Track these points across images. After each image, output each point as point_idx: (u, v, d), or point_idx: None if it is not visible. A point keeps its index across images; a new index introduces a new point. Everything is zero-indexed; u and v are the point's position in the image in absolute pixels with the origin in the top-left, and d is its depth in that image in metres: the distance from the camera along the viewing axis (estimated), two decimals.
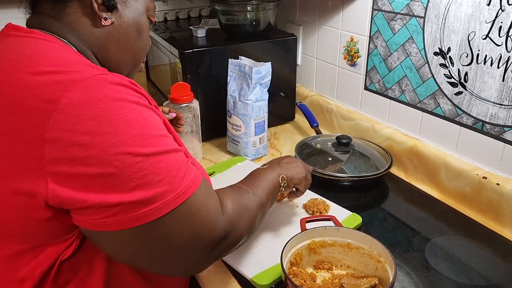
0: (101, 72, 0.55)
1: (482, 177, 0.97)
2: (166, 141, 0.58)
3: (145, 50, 0.75)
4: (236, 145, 1.24)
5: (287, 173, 0.83)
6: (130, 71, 0.76)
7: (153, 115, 0.58)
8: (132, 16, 0.70)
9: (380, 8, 1.15)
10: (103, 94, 0.53)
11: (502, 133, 0.94)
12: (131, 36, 0.70)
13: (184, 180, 0.57)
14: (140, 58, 0.75)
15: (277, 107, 1.40)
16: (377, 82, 1.23)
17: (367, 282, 0.73)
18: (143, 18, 0.71)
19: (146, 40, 0.74)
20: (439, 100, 1.06)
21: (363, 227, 0.95)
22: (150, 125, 0.56)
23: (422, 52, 1.07)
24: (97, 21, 0.66)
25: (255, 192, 0.73)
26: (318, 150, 1.23)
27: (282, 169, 0.83)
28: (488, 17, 0.91)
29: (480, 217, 0.98)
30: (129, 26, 0.69)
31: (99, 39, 0.67)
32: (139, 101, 0.56)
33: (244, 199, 0.69)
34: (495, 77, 0.92)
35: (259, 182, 0.76)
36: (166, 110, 1.10)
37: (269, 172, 0.80)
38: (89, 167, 0.51)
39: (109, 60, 0.70)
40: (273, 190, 0.78)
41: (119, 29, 0.69)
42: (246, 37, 1.32)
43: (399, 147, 1.17)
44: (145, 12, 0.72)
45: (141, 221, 0.54)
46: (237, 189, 0.71)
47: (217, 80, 1.27)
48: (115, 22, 0.68)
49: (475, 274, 0.83)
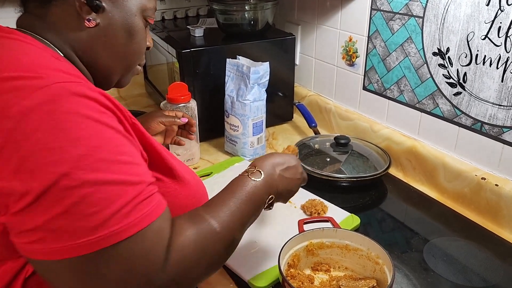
0: (65, 80, 0.50)
1: (481, 178, 0.97)
2: (120, 169, 0.50)
3: (139, 54, 0.69)
4: (234, 145, 1.23)
5: (279, 190, 0.71)
6: (123, 76, 0.71)
7: (115, 137, 0.51)
8: (122, 17, 0.63)
9: (379, 8, 1.15)
10: (58, 105, 0.48)
11: (501, 133, 0.94)
12: (120, 39, 0.65)
13: (127, 218, 0.49)
14: (133, 62, 0.70)
15: (275, 107, 1.40)
16: (375, 82, 1.22)
17: (365, 284, 0.73)
18: (135, 19, 0.65)
19: (139, 43, 0.68)
20: (438, 100, 1.06)
21: (362, 228, 0.95)
22: (105, 147, 0.49)
23: (421, 52, 1.07)
24: (82, 22, 0.61)
25: (221, 222, 0.59)
26: (316, 151, 1.22)
27: (276, 182, 0.71)
28: (487, 17, 0.90)
29: (478, 218, 0.98)
30: (117, 28, 0.64)
31: (84, 42, 0.63)
32: (100, 118, 0.50)
33: (202, 241, 0.56)
34: (494, 77, 0.92)
35: (232, 203, 0.62)
36: (180, 114, 1.05)
37: (253, 186, 0.66)
38: (20, 182, 0.46)
39: (96, 64, 0.65)
40: (252, 211, 0.65)
41: (106, 32, 0.63)
42: (244, 36, 1.32)
43: (397, 147, 1.16)
44: (140, 13, 0.66)
45: (60, 255, 0.47)
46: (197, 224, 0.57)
47: (214, 80, 1.26)
48: (101, 24, 0.62)
49: (474, 275, 0.82)
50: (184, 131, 1.07)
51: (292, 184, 0.75)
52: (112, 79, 0.69)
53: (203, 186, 0.74)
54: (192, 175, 0.71)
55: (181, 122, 1.04)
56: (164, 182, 0.63)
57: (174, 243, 0.54)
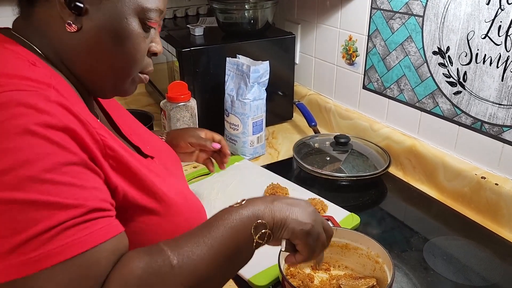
0: (20, 88, 0.46)
1: (481, 177, 0.97)
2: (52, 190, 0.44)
3: (133, 61, 0.60)
4: (234, 144, 1.23)
5: (275, 216, 0.56)
6: (118, 85, 0.62)
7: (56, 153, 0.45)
8: (108, 20, 0.55)
9: (379, 7, 1.15)
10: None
11: (501, 133, 0.93)
12: (107, 46, 0.57)
13: (49, 243, 0.43)
14: (126, 71, 0.60)
15: (275, 106, 1.40)
16: (375, 81, 1.22)
17: (365, 283, 0.73)
18: (127, 22, 0.56)
19: (133, 49, 0.58)
20: (437, 99, 1.06)
21: (361, 227, 0.95)
22: (37, 163, 0.44)
23: (421, 51, 1.07)
24: (64, 25, 0.55)
25: (182, 258, 0.49)
26: (316, 150, 1.22)
27: (269, 208, 0.56)
28: (487, 16, 0.90)
29: (478, 217, 0.98)
30: (103, 33, 0.56)
31: (67, 47, 0.56)
32: (43, 132, 0.45)
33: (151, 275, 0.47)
34: (494, 76, 0.92)
35: (204, 236, 0.51)
36: (217, 138, 0.95)
37: (235, 214, 0.54)
38: None
39: (82, 72, 0.59)
40: (232, 245, 0.52)
41: (89, 36, 0.56)
42: (244, 35, 1.32)
43: (397, 146, 1.16)
44: (134, 15, 0.57)
45: None
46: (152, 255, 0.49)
47: (214, 79, 1.26)
48: (84, 28, 0.55)
49: (473, 274, 0.82)
50: (218, 157, 0.96)
51: (297, 212, 0.58)
52: (104, 88, 0.62)
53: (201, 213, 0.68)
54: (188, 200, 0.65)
55: (210, 148, 0.92)
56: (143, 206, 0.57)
57: (114, 276, 0.46)
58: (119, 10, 0.56)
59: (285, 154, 1.27)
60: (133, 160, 0.57)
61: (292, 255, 0.62)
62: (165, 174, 0.64)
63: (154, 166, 0.64)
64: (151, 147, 0.71)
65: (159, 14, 0.60)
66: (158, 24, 0.61)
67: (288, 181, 1.09)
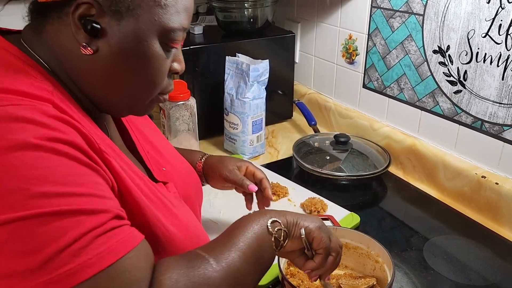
0: (16, 103, 0.43)
1: (481, 176, 0.96)
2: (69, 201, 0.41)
3: (154, 85, 0.55)
4: (233, 143, 1.23)
5: (286, 217, 0.59)
6: (134, 108, 0.58)
7: (66, 164, 0.43)
8: (126, 43, 0.50)
9: (379, 5, 1.14)
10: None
11: (501, 132, 0.93)
12: (125, 70, 0.52)
13: (80, 256, 0.40)
14: (145, 95, 0.56)
15: (275, 105, 1.39)
16: (375, 80, 1.22)
17: (365, 282, 0.72)
18: (149, 45, 0.51)
19: (154, 72, 0.53)
20: (438, 98, 1.05)
21: (361, 226, 0.94)
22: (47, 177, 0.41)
23: (421, 50, 1.06)
24: (78, 47, 0.50)
25: (220, 258, 0.50)
26: (316, 149, 1.22)
27: (280, 213, 0.59)
28: (488, 15, 0.90)
29: (478, 217, 0.98)
30: (121, 56, 0.51)
31: (80, 68, 0.52)
32: (46, 144, 0.42)
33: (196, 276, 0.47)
34: (495, 75, 0.91)
35: (232, 238, 0.53)
36: (259, 177, 0.83)
37: (252, 219, 0.56)
38: None
39: (95, 94, 0.55)
40: (256, 247, 0.54)
41: (106, 60, 0.51)
42: (243, 34, 1.31)
43: (397, 145, 1.16)
44: (156, 37, 0.51)
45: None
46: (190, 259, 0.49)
47: (214, 78, 1.26)
48: (100, 50, 0.50)
49: (474, 273, 0.82)
50: (260, 196, 0.84)
51: (308, 216, 0.61)
52: (118, 109, 0.58)
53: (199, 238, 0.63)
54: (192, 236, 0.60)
55: (246, 189, 0.81)
56: None
57: (158, 281, 0.45)
58: (139, 32, 0.50)
59: (285, 153, 1.27)
60: (139, 184, 0.54)
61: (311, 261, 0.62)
62: (174, 203, 0.60)
63: (164, 192, 0.60)
64: (169, 169, 0.67)
65: (183, 32, 0.54)
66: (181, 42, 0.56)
67: (288, 180, 1.08)
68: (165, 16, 0.51)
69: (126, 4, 0.49)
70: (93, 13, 0.49)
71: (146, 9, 0.50)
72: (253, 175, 0.83)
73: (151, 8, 0.50)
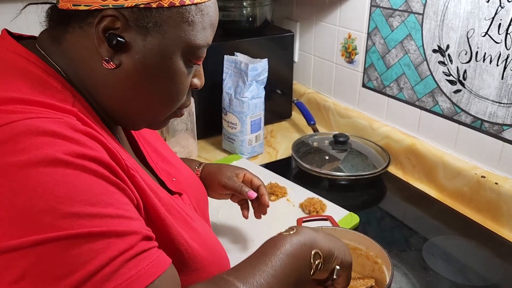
0: (42, 115, 0.42)
1: (481, 176, 0.96)
2: (99, 223, 0.40)
3: (175, 101, 0.54)
4: (232, 143, 1.22)
5: (324, 245, 0.54)
6: (152, 122, 0.57)
7: (95, 183, 0.41)
8: (150, 59, 0.49)
9: (378, 4, 1.14)
10: (18, 146, 0.39)
11: (501, 131, 0.93)
12: (146, 85, 0.51)
13: (111, 280, 0.39)
14: (166, 111, 0.55)
15: (274, 105, 1.39)
16: (375, 79, 1.21)
17: (363, 283, 0.72)
18: (173, 62, 0.50)
19: (176, 89, 0.53)
20: (437, 98, 1.05)
21: (361, 227, 0.94)
22: (76, 197, 0.39)
23: (420, 49, 1.06)
24: (99, 60, 0.49)
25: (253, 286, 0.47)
26: (315, 149, 1.22)
27: (319, 235, 0.55)
28: (487, 14, 0.89)
29: (478, 217, 0.97)
30: (145, 72, 0.50)
31: (100, 82, 0.50)
32: (74, 161, 0.40)
33: None
34: (494, 75, 0.91)
35: (266, 265, 0.49)
36: (257, 184, 0.81)
37: (291, 241, 0.51)
38: None
39: (115, 109, 0.53)
40: (294, 273, 0.50)
41: (128, 75, 0.49)
42: (242, 33, 1.31)
43: (397, 145, 1.16)
44: (181, 53, 0.51)
45: None
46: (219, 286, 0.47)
47: (212, 77, 1.25)
48: (123, 66, 0.49)
49: (473, 274, 0.82)
50: (256, 203, 0.82)
51: (338, 244, 0.57)
52: (134, 125, 0.58)
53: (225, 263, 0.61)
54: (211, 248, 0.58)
55: (245, 196, 0.79)
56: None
57: None
58: (165, 48, 0.49)
59: (284, 153, 1.26)
60: (162, 199, 0.52)
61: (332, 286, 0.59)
62: (192, 216, 0.59)
63: (181, 205, 0.58)
64: (179, 179, 0.66)
65: (206, 49, 0.54)
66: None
67: (287, 180, 1.08)
68: (191, 33, 0.50)
69: (153, 19, 0.48)
70: (118, 26, 0.47)
71: (173, 25, 0.49)
72: (251, 182, 0.82)
73: (178, 24, 0.49)
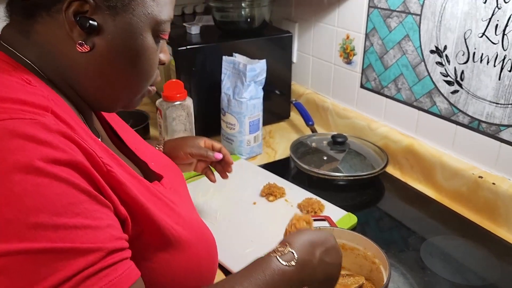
0: (14, 116, 0.42)
1: (478, 176, 0.96)
2: (66, 236, 0.40)
3: (147, 77, 0.56)
4: (231, 143, 1.23)
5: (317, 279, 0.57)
6: (129, 101, 0.59)
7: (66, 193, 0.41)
8: (124, 38, 0.51)
9: (376, 5, 1.14)
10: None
11: (498, 132, 0.93)
12: (121, 64, 0.53)
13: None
14: (139, 88, 0.57)
15: (272, 105, 1.39)
16: (373, 80, 1.22)
17: (354, 281, 0.72)
18: (143, 38, 0.52)
19: (147, 65, 0.55)
20: (435, 98, 1.05)
21: (359, 227, 0.94)
22: (44, 207, 0.40)
23: (418, 50, 1.06)
24: (72, 45, 0.50)
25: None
26: (314, 149, 1.22)
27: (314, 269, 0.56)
28: (484, 15, 0.90)
29: (476, 217, 0.97)
30: (118, 51, 0.51)
31: (75, 67, 0.52)
32: (47, 168, 0.40)
33: None
34: (491, 75, 0.91)
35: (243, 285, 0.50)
36: (217, 147, 0.89)
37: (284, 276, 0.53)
38: None
39: (91, 92, 0.55)
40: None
41: (103, 56, 0.51)
42: (240, 34, 1.31)
43: (395, 146, 1.16)
44: (149, 30, 0.53)
45: None
46: None
47: (211, 78, 1.25)
48: (96, 47, 0.50)
49: (471, 274, 0.82)
50: (219, 166, 0.90)
51: (334, 271, 0.60)
52: (113, 106, 0.59)
53: (211, 244, 0.64)
54: (197, 231, 0.60)
55: (212, 158, 0.87)
56: (150, 242, 0.53)
57: None
58: (135, 26, 0.51)
59: (282, 153, 1.26)
60: (140, 189, 0.53)
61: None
62: (173, 200, 0.60)
63: (162, 191, 0.59)
64: (156, 164, 0.67)
65: (170, 23, 0.57)
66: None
67: (285, 181, 1.08)
68: (156, 9, 0.53)
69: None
70: (86, 9, 0.48)
71: (139, 3, 0.51)
72: (212, 147, 0.90)
73: (144, 2, 0.52)
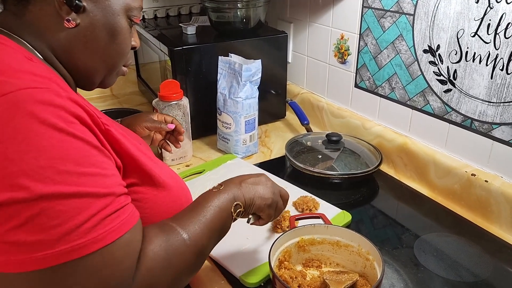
0: (32, 85, 0.49)
1: (471, 174, 0.98)
2: (86, 181, 0.49)
3: (122, 55, 0.68)
4: (227, 143, 1.23)
5: (245, 197, 0.70)
6: (106, 77, 0.69)
7: (82, 147, 0.51)
8: (103, 17, 0.62)
9: (370, 5, 1.15)
10: (20, 114, 0.47)
11: (491, 130, 0.94)
12: (102, 40, 0.63)
13: (91, 232, 0.49)
14: (116, 63, 0.68)
15: (268, 105, 1.40)
16: (367, 79, 1.23)
17: (348, 278, 0.73)
18: (118, 19, 0.64)
19: (123, 43, 0.66)
20: (428, 97, 1.06)
21: (353, 225, 0.95)
22: (69, 158, 0.49)
23: (411, 49, 1.07)
24: (61, 22, 0.60)
25: (191, 233, 0.60)
26: (309, 148, 1.23)
27: (240, 190, 0.69)
28: (476, 14, 0.91)
29: (468, 214, 0.99)
30: (98, 28, 0.62)
31: (63, 42, 0.61)
32: (66, 127, 0.49)
33: (172, 250, 0.57)
34: (484, 74, 0.92)
35: (200, 215, 0.63)
36: (169, 119, 1.03)
37: (219, 197, 0.66)
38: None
39: (76, 65, 0.64)
40: (220, 222, 0.65)
41: (86, 32, 0.62)
42: (236, 34, 1.32)
43: (389, 144, 1.17)
44: (124, 13, 0.64)
45: (19, 268, 0.47)
46: (167, 233, 0.58)
47: (207, 78, 1.26)
48: (81, 24, 0.61)
49: (464, 270, 0.83)
50: (172, 137, 1.05)
51: (260, 190, 0.72)
52: (93, 80, 0.68)
53: (186, 190, 0.74)
54: (175, 179, 0.71)
55: (166, 128, 1.00)
56: (141, 189, 0.63)
57: (144, 252, 0.54)
58: (112, 8, 0.63)
59: (278, 152, 1.27)
60: (132, 147, 0.62)
61: (257, 221, 0.76)
62: (154, 159, 0.70)
63: (146, 150, 0.69)
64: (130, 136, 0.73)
65: (140, 11, 0.68)
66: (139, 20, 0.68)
67: (281, 179, 1.09)
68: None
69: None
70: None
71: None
72: (164, 119, 1.02)
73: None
